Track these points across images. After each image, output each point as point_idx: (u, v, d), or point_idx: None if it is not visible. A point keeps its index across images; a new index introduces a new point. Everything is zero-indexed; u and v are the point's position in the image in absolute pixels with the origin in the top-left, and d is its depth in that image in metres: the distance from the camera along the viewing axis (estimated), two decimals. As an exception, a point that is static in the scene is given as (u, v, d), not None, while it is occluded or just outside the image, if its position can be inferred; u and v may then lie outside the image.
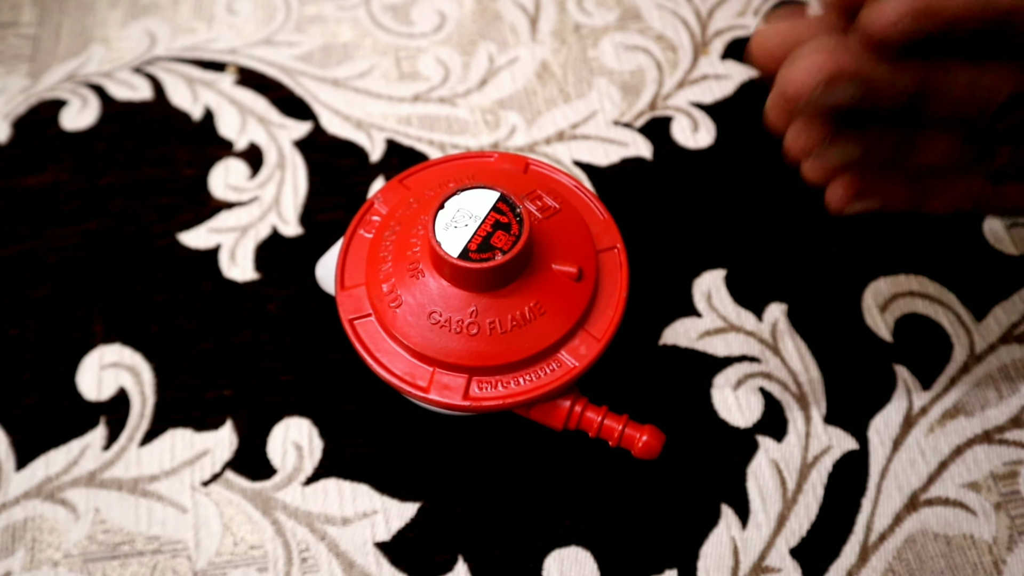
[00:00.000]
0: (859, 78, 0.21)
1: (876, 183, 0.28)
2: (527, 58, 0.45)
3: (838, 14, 0.22)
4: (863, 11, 0.21)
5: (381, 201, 0.32)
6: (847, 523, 0.33)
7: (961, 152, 0.27)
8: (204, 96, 0.43)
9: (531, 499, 0.33)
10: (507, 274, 0.27)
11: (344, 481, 0.34)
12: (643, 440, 0.29)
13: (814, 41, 0.22)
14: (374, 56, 0.45)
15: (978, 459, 0.34)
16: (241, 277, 0.38)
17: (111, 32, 0.46)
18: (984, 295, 0.37)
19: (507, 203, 0.27)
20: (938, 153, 0.27)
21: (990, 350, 0.36)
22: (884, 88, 0.22)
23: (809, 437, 0.34)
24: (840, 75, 0.21)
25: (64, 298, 0.38)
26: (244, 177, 0.41)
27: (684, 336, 0.36)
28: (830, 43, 0.21)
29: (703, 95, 0.43)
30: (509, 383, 0.28)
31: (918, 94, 0.23)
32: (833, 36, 0.22)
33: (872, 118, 0.24)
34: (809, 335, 0.36)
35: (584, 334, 0.29)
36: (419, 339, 0.28)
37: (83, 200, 0.40)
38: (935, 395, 0.35)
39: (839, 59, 0.21)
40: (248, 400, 0.35)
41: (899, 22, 0.20)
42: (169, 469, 0.34)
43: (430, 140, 0.42)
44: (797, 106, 0.22)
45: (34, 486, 0.33)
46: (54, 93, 0.44)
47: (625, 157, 0.41)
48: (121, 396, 0.35)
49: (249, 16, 0.47)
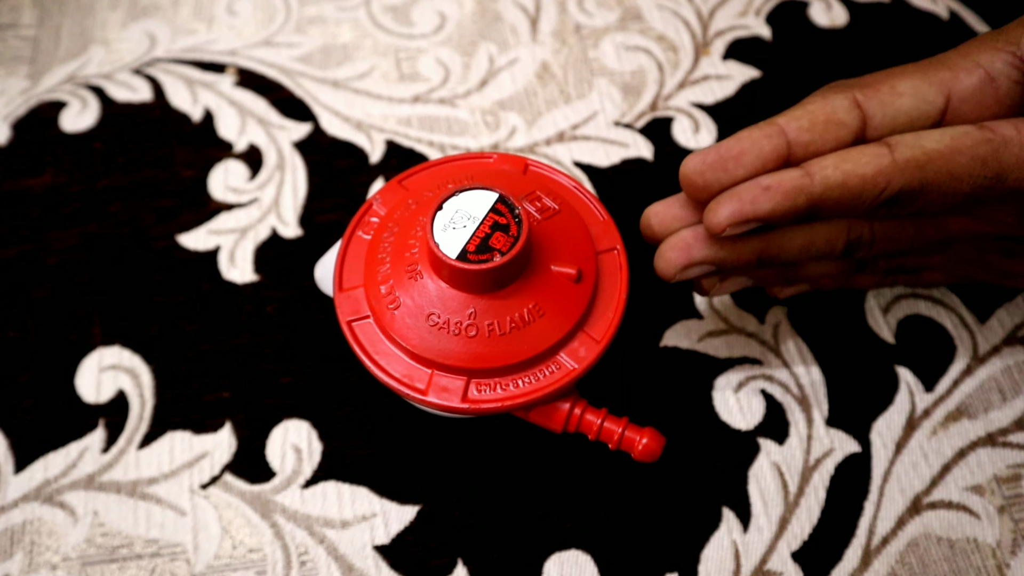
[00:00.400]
0: (706, 261, 0.28)
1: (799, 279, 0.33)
2: (527, 59, 0.45)
3: (695, 204, 0.28)
4: (703, 214, 0.26)
5: (380, 202, 0.31)
6: (849, 526, 0.32)
7: (842, 266, 0.32)
8: (204, 97, 0.43)
9: (531, 502, 0.33)
10: (506, 275, 0.27)
11: (343, 484, 0.33)
12: (643, 443, 0.28)
13: (673, 236, 0.28)
14: (374, 57, 0.45)
15: (981, 462, 0.34)
16: (240, 279, 0.38)
17: (111, 34, 0.46)
18: (987, 297, 0.37)
19: (506, 204, 0.27)
20: (822, 270, 0.32)
21: (993, 352, 0.36)
22: (731, 261, 0.28)
23: (811, 439, 0.34)
24: (691, 263, 0.28)
25: (63, 300, 0.37)
26: (244, 179, 0.41)
27: (685, 338, 0.36)
28: (685, 237, 0.28)
29: (704, 96, 0.43)
30: (508, 385, 0.28)
31: (762, 258, 0.28)
32: (689, 229, 0.28)
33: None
34: (811, 337, 0.36)
35: (584, 336, 0.28)
36: (417, 341, 0.28)
37: (82, 202, 0.40)
38: (938, 397, 0.35)
39: (690, 252, 0.28)
40: (247, 402, 0.35)
41: (727, 226, 0.26)
42: (168, 472, 0.34)
43: (430, 141, 0.42)
44: (669, 282, 0.29)
45: (33, 489, 0.33)
46: (54, 95, 0.44)
47: (626, 158, 0.41)
48: (120, 398, 0.35)
49: (249, 17, 0.47)
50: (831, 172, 0.25)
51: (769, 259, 0.29)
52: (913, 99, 0.26)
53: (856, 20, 0.46)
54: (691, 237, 0.28)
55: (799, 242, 0.29)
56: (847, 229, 0.29)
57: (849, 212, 0.26)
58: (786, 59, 0.44)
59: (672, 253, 0.28)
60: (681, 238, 0.28)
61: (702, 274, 0.29)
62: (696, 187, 0.27)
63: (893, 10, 0.46)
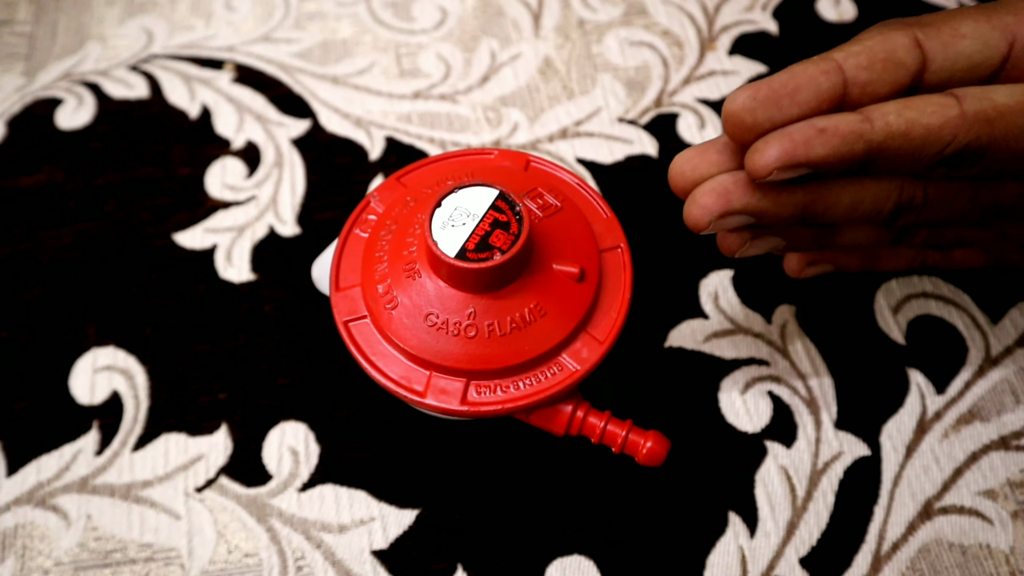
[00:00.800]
0: (745, 211, 0.25)
1: (825, 254, 0.31)
2: (530, 54, 0.44)
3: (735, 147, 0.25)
4: (745, 156, 0.24)
5: (377, 199, 0.31)
6: (859, 532, 0.32)
7: (881, 235, 0.30)
8: (201, 94, 0.43)
9: (532, 507, 0.32)
10: (506, 274, 0.26)
11: (341, 487, 0.33)
12: (647, 446, 0.28)
13: (709, 181, 0.25)
14: (374, 53, 0.44)
15: (994, 466, 0.33)
16: (237, 278, 0.37)
17: (108, 30, 0.45)
18: (1000, 296, 0.36)
19: (506, 201, 0.26)
20: (859, 238, 0.30)
21: (1006, 353, 0.35)
22: (772, 213, 0.25)
23: (819, 443, 0.33)
24: (728, 211, 0.25)
25: (57, 300, 0.37)
26: (241, 176, 0.40)
27: (690, 338, 0.36)
28: (723, 183, 0.25)
29: (710, 91, 0.42)
30: (508, 387, 0.27)
31: (806, 214, 0.26)
32: (727, 174, 0.25)
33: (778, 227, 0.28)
34: (819, 337, 0.35)
35: (586, 336, 0.28)
36: (415, 342, 0.27)
37: (77, 200, 0.40)
38: (950, 399, 0.34)
39: (728, 199, 0.25)
40: (243, 404, 0.34)
41: (774, 168, 0.23)
42: (163, 475, 0.33)
43: (430, 138, 0.41)
44: (699, 233, 0.25)
45: (25, 492, 0.33)
46: (50, 92, 0.43)
47: (630, 155, 0.40)
48: (114, 400, 0.35)
49: (247, 13, 0.46)
50: (893, 119, 0.23)
51: (813, 216, 0.26)
52: (975, 43, 0.24)
53: (865, 14, 0.45)
54: (730, 183, 0.25)
55: (848, 199, 0.26)
56: (899, 189, 0.26)
57: (906, 167, 0.24)
58: (794, 54, 0.43)
59: (708, 199, 0.25)
60: (719, 183, 0.25)
61: (738, 226, 0.26)
62: (743, 126, 0.24)
63: (902, 3, 0.45)
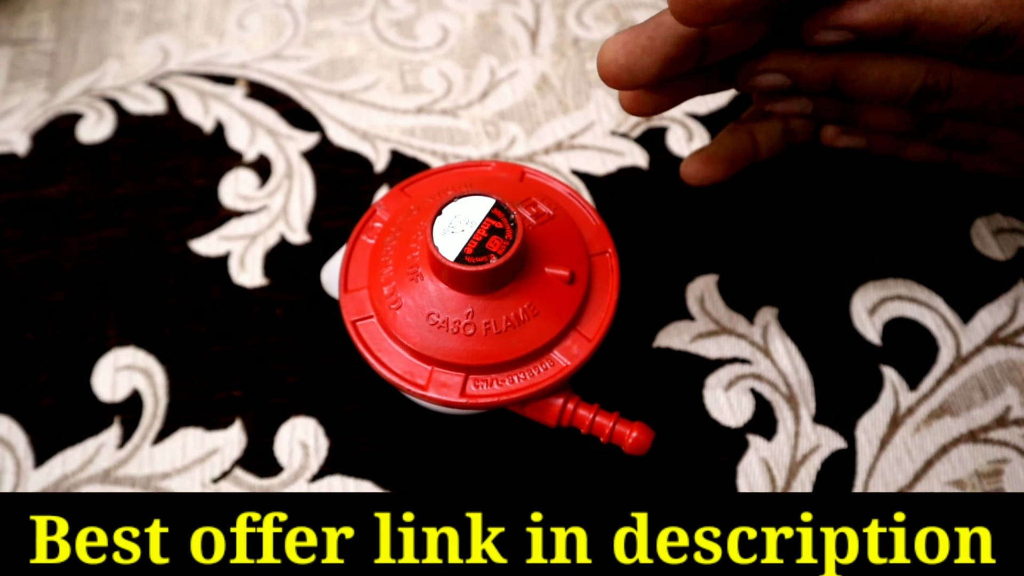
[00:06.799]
0: (782, 69, 0.29)
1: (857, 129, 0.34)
2: (527, 71, 0.46)
3: None
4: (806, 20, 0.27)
5: (383, 208, 0.33)
6: (835, 519, 0.33)
7: (905, 120, 0.32)
8: (215, 109, 0.45)
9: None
10: (502, 277, 0.28)
11: (348, 478, 0.35)
12: (633, 436, 0.30)
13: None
14: (379, 70, 0.47)
15: (963, 458, 0.35)
16: (250, 283, 0.39)
17: (126, 48, 0.48)
18: (970, 298, 0.38)
19: (502, 209, 0.28)
20: (883, 120, 0.32)
21: (976, 352, 0.37)
22: (807, 75, 0.28)
23: (798, 436, 0.35)
24: (768, 69, 0.29)
25: (80, 303, 0.39)
26: (253, 187, 0.42)
27: (677, 339, 0.37)
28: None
29: (698, 106, 0.44)
30: (504, 381, 0.29)
31: (837, 81, 0.28)
32: None
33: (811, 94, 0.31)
34: (799, 338, 0.37)
35: (576, 334, 0.30)
36: (418, 339, 0.29)
37: (98, 210, 0.42)
38: (921, 396, 0.36)
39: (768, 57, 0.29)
40: (256, 401, 0.36)
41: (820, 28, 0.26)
42: (181, 467, 0.35)
43: (433, 150, 0.43)
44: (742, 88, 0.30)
45: (51, 483, 0.35)
46: (71, 107, 0.45)
47: (622, 166, 0.43)
48: (135, 397, 0.37)
49: (259, 32, 0.48)
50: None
51: (842, 84, 0.29)
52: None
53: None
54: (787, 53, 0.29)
55: (876, 73, 0.28)
56: (926, 70, 0.28)
57: (939, 44, 0.26)
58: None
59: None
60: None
61: (775, 85, 0.29)
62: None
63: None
